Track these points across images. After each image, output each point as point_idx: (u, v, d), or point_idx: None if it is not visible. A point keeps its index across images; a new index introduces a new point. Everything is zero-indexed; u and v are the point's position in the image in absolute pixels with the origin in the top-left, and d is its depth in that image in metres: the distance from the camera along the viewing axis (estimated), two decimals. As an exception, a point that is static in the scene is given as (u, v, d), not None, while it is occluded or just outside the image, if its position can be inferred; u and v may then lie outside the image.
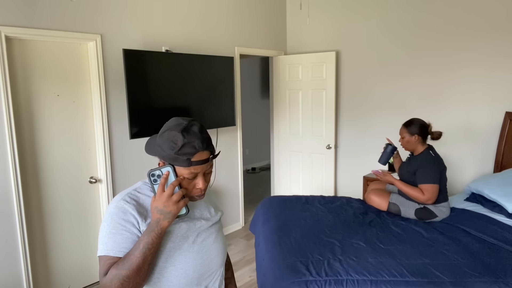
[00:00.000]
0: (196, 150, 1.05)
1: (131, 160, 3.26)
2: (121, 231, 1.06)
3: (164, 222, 1.04)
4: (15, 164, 2.56)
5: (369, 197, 3.07)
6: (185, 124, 1.07)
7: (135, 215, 1.08)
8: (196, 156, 1.06)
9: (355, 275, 1.98)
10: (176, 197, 1.05)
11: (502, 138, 3.44)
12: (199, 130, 1.07)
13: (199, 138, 1.06)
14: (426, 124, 2.87)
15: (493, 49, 3.46)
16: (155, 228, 1.04)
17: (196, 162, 1.07)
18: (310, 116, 4.56)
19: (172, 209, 1.04)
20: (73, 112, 2.93)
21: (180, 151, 1.05)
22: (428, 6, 3.76)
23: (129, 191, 1.15)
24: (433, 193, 2.67)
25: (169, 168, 1.07)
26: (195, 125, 1.09)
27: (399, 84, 4.05)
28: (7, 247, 2.59)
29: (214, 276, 1.23)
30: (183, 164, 1.06)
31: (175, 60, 3.34)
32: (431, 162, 2.73)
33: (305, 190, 4.72)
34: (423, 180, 2.70)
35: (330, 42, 4.48)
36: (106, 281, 1.01)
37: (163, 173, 1.07)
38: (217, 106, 3.76)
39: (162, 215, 1.04)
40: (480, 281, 1.91)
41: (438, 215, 2.75)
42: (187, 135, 1.05)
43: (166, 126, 1.10)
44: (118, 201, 1.10)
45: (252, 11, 4.29)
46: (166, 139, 1.07)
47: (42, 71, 2.74)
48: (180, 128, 1.06)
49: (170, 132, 1.06)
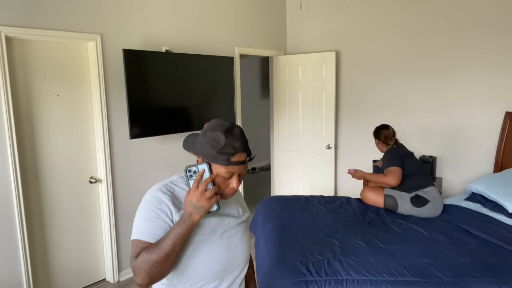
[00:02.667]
0: (236, 151, 1.12)
1: (131, 160, 3.26)
2: (155, 219, 1.13)
3: (195, 216, 1.10)
4: (15, 164, 2.56)
5: (365, 193, 3.10)
6: (228, 126, 1.14)
7: (169, 206, 1.15)
8: (236, 156, 1.12)
9: (355, 275, 1.98)
10: (209, 193, 1.10)
11: (502, 138, 3.44)
12: (240, 133, 1.15)
13: (240, 140, 1.13)
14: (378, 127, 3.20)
15: (493, 49, 3.46)
16: (187, 220, 1.09)
17: (234, 163, 1.12)
18: (310, 116, 4.55)
19: (205, 204, 1.10)
20: (73, 112, 2.93)
21: (222, 150, 1.11)
22: (428, 7, 3.76)
23: (165, 182, 1.22)
24: (394, 174, 2.90)
25: (205, 166, 1.13)
26: (237, 128, 1.16)
27: (399, 84, 4.05)
28: (7, 247, 2.59)
29: (237, 272, 1.27)
30: (223, 162, 1.11)
31: (175, 60, 3.34)
32: (390, 152, 3.08)
33: (305, 190, 4.72)
34: (385, 165, 3.01)
35: (330, 42, 4.48)
36: (136, 263, 1.08)
37: (199, 170, 1.13)
38: (217, 106, 3.76)
39: (195, 208, 1.09)
40: (480, 281, 1.91)
41: (430, 200, 2.84)
42: (230, 136, 1.12)
43: (209, 126, 1.16)
44: (155, 191, 1.17)
45: (252, 11, 4.29)
46: (209, 138, 1.12)
47: (42, 71, 2.74)
48: (224, 129, 1.12)
49: (214, 132, 1.12)
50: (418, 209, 2.83)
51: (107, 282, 3.23)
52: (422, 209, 2.82)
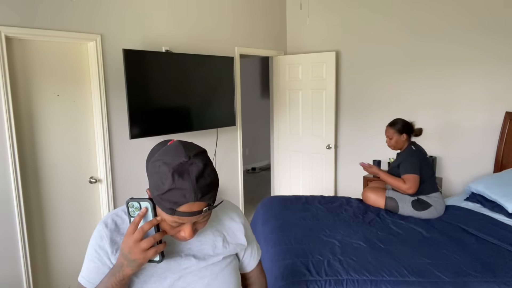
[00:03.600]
0: (185, 200, 0.83)
1: (131, 160, 3.26)
2: (94, 259, 0.95)
3: (127, 269, 0.86)
4: (15, 164, 2.56)
5: (366, 194, 3.10)
6: (183, 161, 0.83)
7: (106, 244, 0.94)
8: (184, 207, 0.83)
9: (355, 275, 1.98)
10: (145, 244, 0.85)
11: (502, 138, 3.44)
12: (197, 174, 0.83)
13: (192, 186, 0.82)
14: (409, 122, 3.03)
15: (494, 49, 3.46)
16: (116, 273, 0.87)
17: (181, 213, 0.84)
18: (310, 116, 4.55)
19: (138, 258, 0.85)
20: (73, 112, 2.93)
21: (164, 195, 0.83)
22: (429, 7, 3.76)
23: (117, 211, 1.00)
24: (413, 183, 2.80)
25: (148, 204, 0.88)
26: (196, 165, 0.84)
27: (399, 84, 4.05)
28: (7, 247, 2.59)
29: None
30: (166, 211, 0.85)
31: (175, 60, 3.34)
32: (412, 155, 2.90)
33: (305, 190, 4.72)
34: (405, 171, 2.86)
35: (330, 42, 4.48)
36: None
37: (141, 207, 0.88)
38: (217, 106, 3.76)
39: (126, 261, 0.86)
40: (480, 281, 1.91)
41: (432, 204, 2.81)
42: (178, 179, 0.82)
43: (163, 151, 0.87)
44: (100, 223, 0.97)
45: (252, 11, 4.29)
46: (155, 172, 0.85)
47: (42, 71, 2.74)
48: (173, 167, 0.83)
49: (162, 166, 0.84)
50: (419, 212, 2.82)
51: (107, 282, 3.23)
52: (423, 212, 2.81)
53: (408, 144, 2.99)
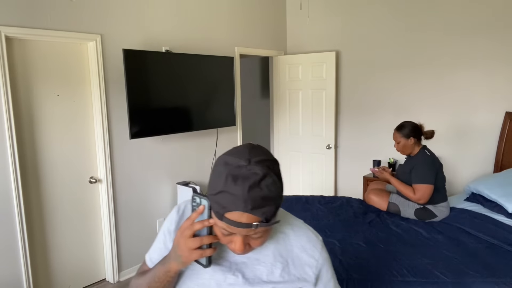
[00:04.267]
0: (233, 207, 0.76)
1: (131, 160, 3.26)
2: (160, 239, 0.96)
3: (173, 263, 0.84)
4: (15, 163, 2.56)
5: (369, 197, 3.08)
6: (242, 164, 0.77)
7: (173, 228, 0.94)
8: (232, 214, 0.76)
9: (355, 275, 1.98)
10: (192, 243, 0.81)
11: (502, 138, 3.44)
12: (252, 183, 0.75)
13: (243, 194, 0.75)
14: (418, 125, 2.90)
15: (494, 49, 3.46)
16: (165, 262, 0.86)
17: (229, 221, 0.77)
18: (310, 116, 4.55)
19: (182, 255, 0.82)
20: (73, 112, 2.93)
21: (215, 196, 0.78)
22: (429, 7, 3.76)
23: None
24: (424, 193, 2.68)
25: (206, 203, 0.83)
26: (254, 172, 0.76)
27: (399, 84, 4.05)
28: (7, 247, 2.59)
29: None
30: (215, 214, 0.80)
31: (175, 60, 3.34)
32: (426, 162, 2.75)
33: (305, 190, 4.72)
34: (417, 179, 2.73)
35: (330, 42, 4.48)
36: (131, 284, 0.98)
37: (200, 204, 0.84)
38: (217, 106, 3.76)
39: (174, 253, 0.84)
40: (480, 281, 1.91)
41: (437, 215, 2.76)
42: (231, 183, 0.75)
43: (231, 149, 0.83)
44: (175, 207, 0.97)
45: (252, 11, 4.29)
46: (214, 170, 0.81)
47: (42, 71, 2.73)
48: (230, 168, 0.77)
49: (221, 165, 0.79)
50: (421, 219, 2.78)
51: (107, 282, 3.23)
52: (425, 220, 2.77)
53: (420, 148, 2.85)
